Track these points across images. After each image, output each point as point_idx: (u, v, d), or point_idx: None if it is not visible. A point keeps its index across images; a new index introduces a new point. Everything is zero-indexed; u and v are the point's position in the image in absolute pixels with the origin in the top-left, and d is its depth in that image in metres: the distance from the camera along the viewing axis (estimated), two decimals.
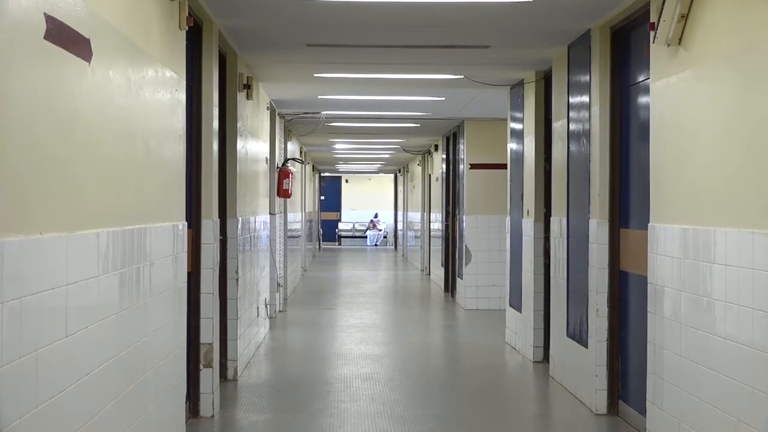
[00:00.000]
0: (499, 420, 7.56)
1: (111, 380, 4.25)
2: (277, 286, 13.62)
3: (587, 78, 7.82)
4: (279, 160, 13.95)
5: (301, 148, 20.48)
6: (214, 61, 7.39)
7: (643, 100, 6.84)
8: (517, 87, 10.90)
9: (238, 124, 8.87)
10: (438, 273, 19.48)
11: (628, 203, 7.27)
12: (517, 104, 11.00)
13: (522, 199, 10.63)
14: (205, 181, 7.20)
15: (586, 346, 7.84)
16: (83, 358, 3.83)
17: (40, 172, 3.33)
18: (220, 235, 8.02)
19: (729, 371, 4.93)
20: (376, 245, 40.49)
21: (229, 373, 8.74)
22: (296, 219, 18.69)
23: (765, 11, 4.59)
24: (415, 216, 26.51)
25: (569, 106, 8.45)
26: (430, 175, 22.15)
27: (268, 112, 12.18)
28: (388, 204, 41.18)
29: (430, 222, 22.00)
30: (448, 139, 17.72)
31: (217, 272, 7.46)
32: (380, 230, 41.52)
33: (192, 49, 6.92)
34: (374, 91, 12.06)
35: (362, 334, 12.29)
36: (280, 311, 14.07)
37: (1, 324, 2.97)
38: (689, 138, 5.56)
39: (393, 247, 38.68)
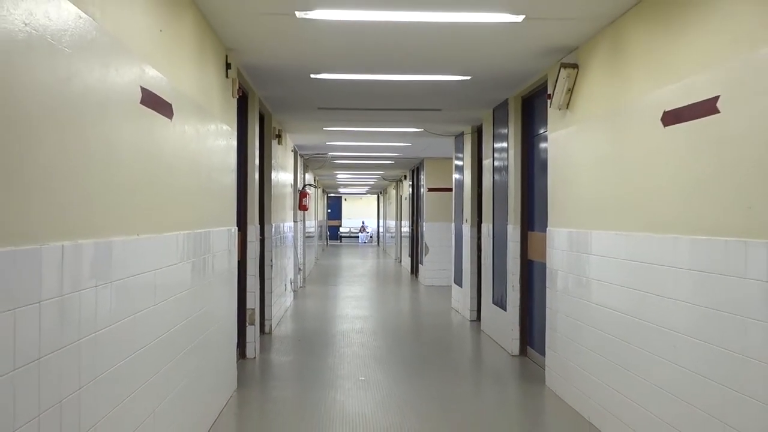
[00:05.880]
0: (447, 359, 7.59)
1: (186, 334, 4.25)
2: (298, 270, 13.63)
3: (506, 131, 7.86)
4: (300, 185, 13.96)
5: (314, 177, 20.50)
6: (255, 118, 7.40)
7: (543, 145, 6.88)
8: (459, 136, 10.95)
9: (272, 161, 8.88)
10: (406, 261, 19.50)
11: (533, 214, 7.31)
12: (459, 148, 11.04)
13: (462, 212, 10.67)
14: (250, 199, 7.20)
15: (505, 310, 7.86)
16: (167, 320, 3.83)
17: (138, 195, 3.34)
18: (260, 236, 8.02)
19: (598, 325, 4.96)
20: (365, 242, 40.49)
21: (266, 329, 8.74)
22: (311, 225, 18.70)
23: (620, 88, 4.63)
24: (391, 222, 26.54)
25: (494, 150, 8.49)
26: (401, 195, 22.18)
27: (293, 153, 12.19)
28: (373, 215, 41.26)
29: (401, 227, 22.03)
30: (413, 171, 17.76)
31: (258, 261, 7.46)
32: (368, 233, 41.55)
33: (241, 111, 6.94)
34: (364, 138, 12.08)
35: (355, 302, 12.30)
36: (300, 287, 14.07)
37: (112, 296, 2.97)
38: (573, 171, 5.59)
39: (376, 243, 38.69)
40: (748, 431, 3.20)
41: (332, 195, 40.61)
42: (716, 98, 3.47)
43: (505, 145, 7.90)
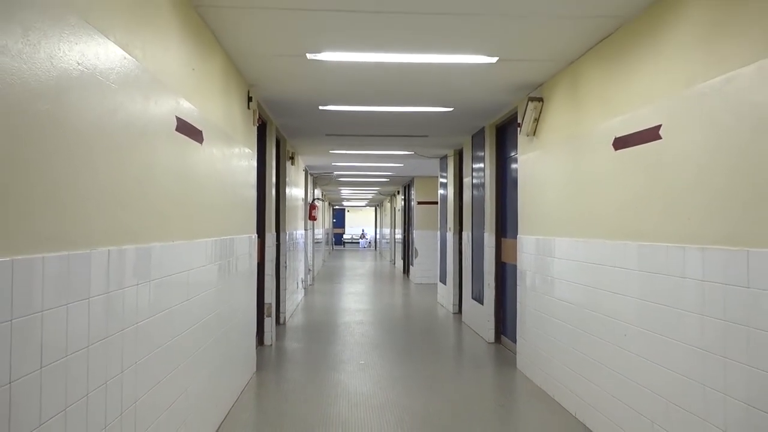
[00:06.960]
0: (434, 345, 7.57)
1: (213, 325, 4.24)
2: (308, 270, 13.60)
3: (482, 153, 7.87)
4: (309, 198, 13.95)
5: (322, 192, 20.49)
6: (272, 143, 7.40)
7: (514, 166, 6.89)
8: (444, 158, 10.96)
9: (286, 179, 8.88)
10: (399, 263, 19.47)
11: (506, 223, 7.31)
12: (444, 168, 11.05)
13: (446, 221, 10.67)
14: (268, 211, 7.19)
15: (482, 304, 7.85)
16: (197, 313, 3.82)
17: (173, 207, 3.33)
18: (276, 242, 8.01)
19: (560, 317, 4.96)
20: (364, 247, 40.42)
21: (281, 320, 8.71)
22: (319, 232, 18.67)
23: (577, 118, 4.65)
24: (387, 230, 26.52)
25: (472, 169, 8.50)
26: (395, 207, 22.17)
27: (304, 172, 12.19)
28: (372, 224, 41.20)
29: (395, 234, 22.01)
30: (405, 187, 17.78)
31: (274, 263, 7.44)
32: (367, 239, 41.48)
33: (260, 137, 6.94)
34: (363, 160, 12.09)
35: (356, 297, 12.26)
36: (310, 285, 14.03)
37: (150, 293, 2.96)
38: (539, 187, 5.61)
39: (374, 248, 38.62)
40: (681, 403, 3.20)
41: (337, 207, 40.59)
42: (658, 127, 3.48)
43: (482, 165, 7.91)
